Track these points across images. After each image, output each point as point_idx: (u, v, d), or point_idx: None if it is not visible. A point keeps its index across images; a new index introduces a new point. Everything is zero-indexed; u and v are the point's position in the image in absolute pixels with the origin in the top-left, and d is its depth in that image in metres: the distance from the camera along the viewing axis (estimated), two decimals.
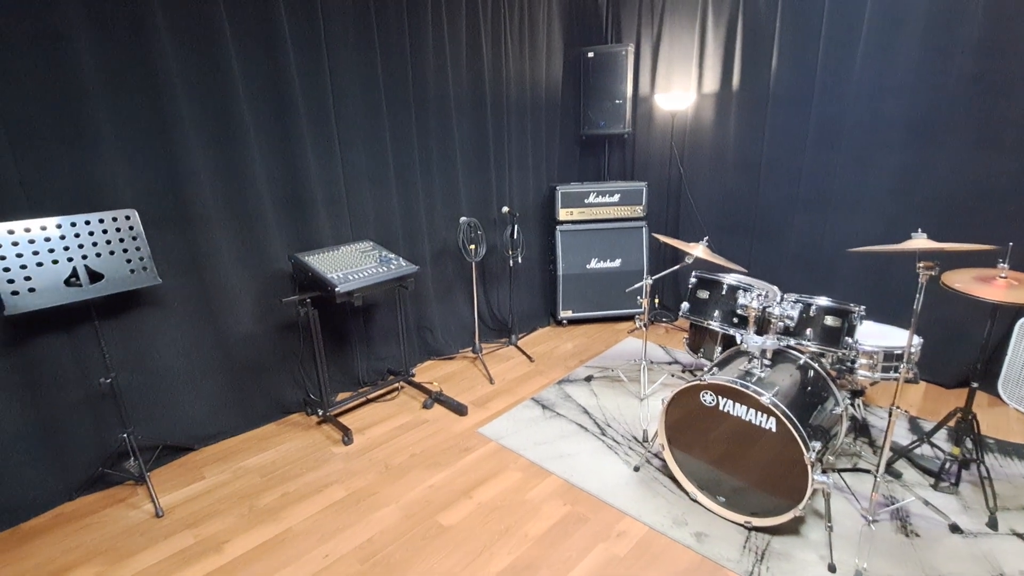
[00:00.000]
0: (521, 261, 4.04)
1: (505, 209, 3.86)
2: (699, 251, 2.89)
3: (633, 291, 4.40)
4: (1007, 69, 2.92)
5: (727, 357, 2.54)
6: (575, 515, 2.36)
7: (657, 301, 4.80)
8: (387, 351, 3.70)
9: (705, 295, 2.87)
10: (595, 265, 4.49)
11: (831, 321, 2.39)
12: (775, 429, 2.05)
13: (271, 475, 2.68)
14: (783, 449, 2.04)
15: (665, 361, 3.90)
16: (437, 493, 2.52)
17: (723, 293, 2.79)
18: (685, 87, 4.36)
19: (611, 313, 4.58)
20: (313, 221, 3.18)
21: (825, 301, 2.43)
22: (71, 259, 2.23)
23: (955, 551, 2.09)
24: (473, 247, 3.64)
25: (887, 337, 2.58)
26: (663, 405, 2.38)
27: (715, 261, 2.93)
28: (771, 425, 2.06)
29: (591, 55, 4.45)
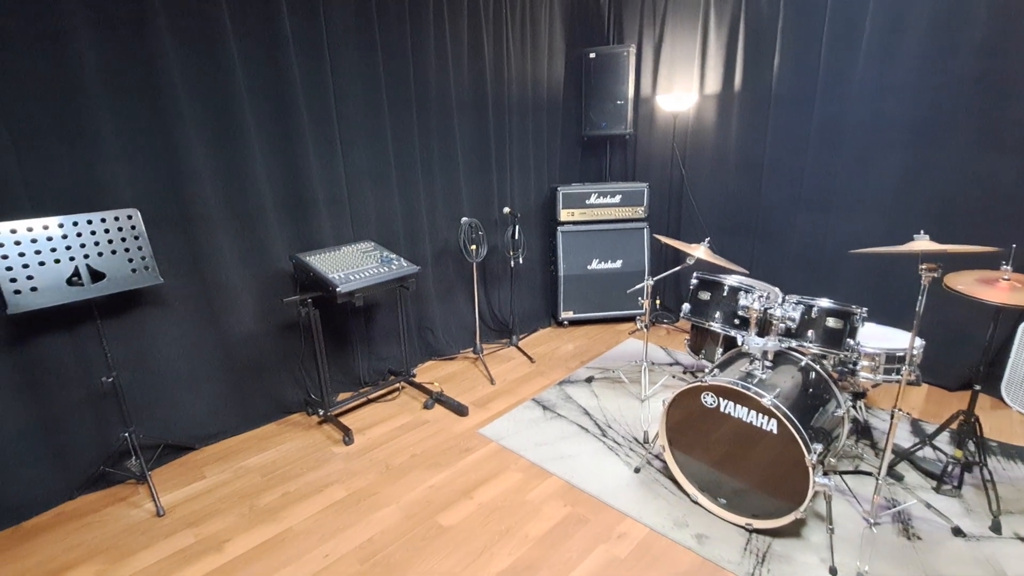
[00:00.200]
0: (522, 262, 4.04)
1: (506, 210, 3.86)
2: (700, 252, 2.89)
3: (634, 292, 4.40)
4: (1010, 69, 2.91)
5: (728, 359, 2.54)
6: (576, 516, 2.36)
7: (658, 302, 4.79)
8: (388, 351, 3.71)
9: (706, 296, 2.87)
10: (596, 266, 4.49)
11: (833, 323, 2.38)
12: (776, 431, 2.05)
13: (272, 475, 2.69)
14: (784, 451, 2.03)
15: (666, 362, 3.89)
16: (437, 493, 2.52)
17: (724, 294, 2.79)
18: (687, 88, 4.36)
19: (612, 314, 4.57)
20: (314, 221, 3.18)
21: (827, 303, 2.42)
22: (73, 258, 2.24)
23: (958, 554, 2.08)
24: (474, 247, 3.63)
25: (889, 339, 2.57)
26: (664, 406, 2.38)
27: (716, 262, 2.92)
28: (772, 427, 2.06)
29: (593, 56, 4.45)
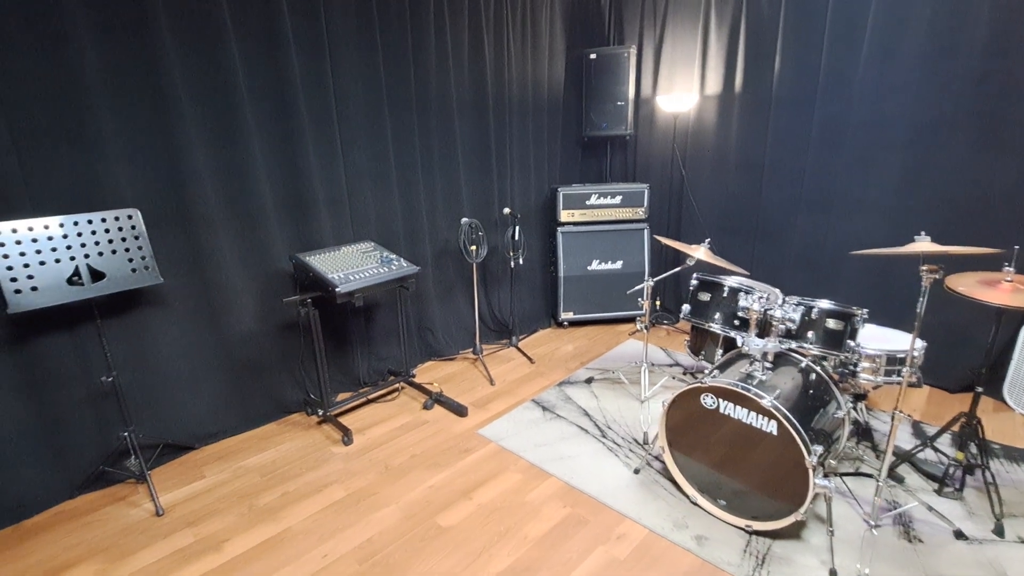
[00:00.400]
0: (522, 262, 4.04)
1: (507, 210, 3.86)
2: (700, 253, 2.88)
3: (634, 293, 4.39)
4: (1013, 70, 2.90)
5: (728, 360, 2.53)
6: (575, 517, 2.35)
7: (658, 303, 4.79)
8: (388, 351, 3.70)
9: (706, 297, 2.86)
10: (596, 267, 4.48)
11: (833, 324, 2.38)
12: (776, 432, 2.04)
13: (271, 475, 2.68)
14: (784, 452, 2.03)
15: (666, 363, 3.89)
16: (437, 494, 2.52)
17: (724, 295, 2.78)
18: (687, 89, 4.35)
19: (612, 315, 4.57)
20: (314, 221, 3.18)
21: (827, 304, 2.41)
22: (73, 258, 2.24)
23: (960, 558, 2.07)
24: (474, 248, 3.63)
25: (890, 340, 2.56)
26: (664, 407, 2.38)
27: (717, 263, 2.92)
28: (772, 428, 2.05)
29: (593, 56, 4.45)
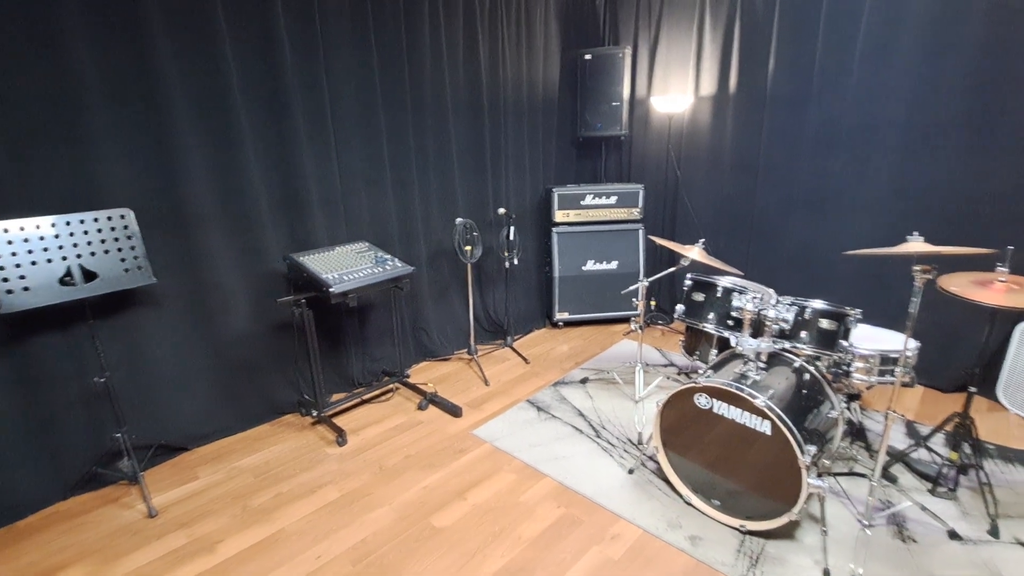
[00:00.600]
0: (517, 263, 4.03)
1: (501, 211, 3.86)
2: (695, 253, 2.88)
3: (628, 293, 4.39)
4: (1005, 71, 2.91)
5: (722, 360, 2.54)
6: (569, 517, 2.35)
7: (653, 303, 4.79)
8: (382, 352, 3.70)
9: (700, 297, 2.86)
10: (591, 267, 4.48)
11: (826, 324, 2.38)
12: (770, 432, 2.05)
13: (265, 475, 2.67)
14: (778, 452, 2.03)
15: (661, 363, 3.89)
16: (431, 494, 2.52)
17: (718, 296, 2.78)
18: (682, 89, 4.36)
19: (607, 315, 4.57)
20: (309, 221, 3.17)
21: (820, 304, 2.42)
22: (65, 258, 2.22)
23: (954, 558, 2.07)
24: (469, 248, 3.63)
25: (884, 341, 2.57)
26: (658, 408, 2.38)
27: (711, 263, 2.92)
28: (766, 428, 2.06)
29: (588, 57, 4.45)
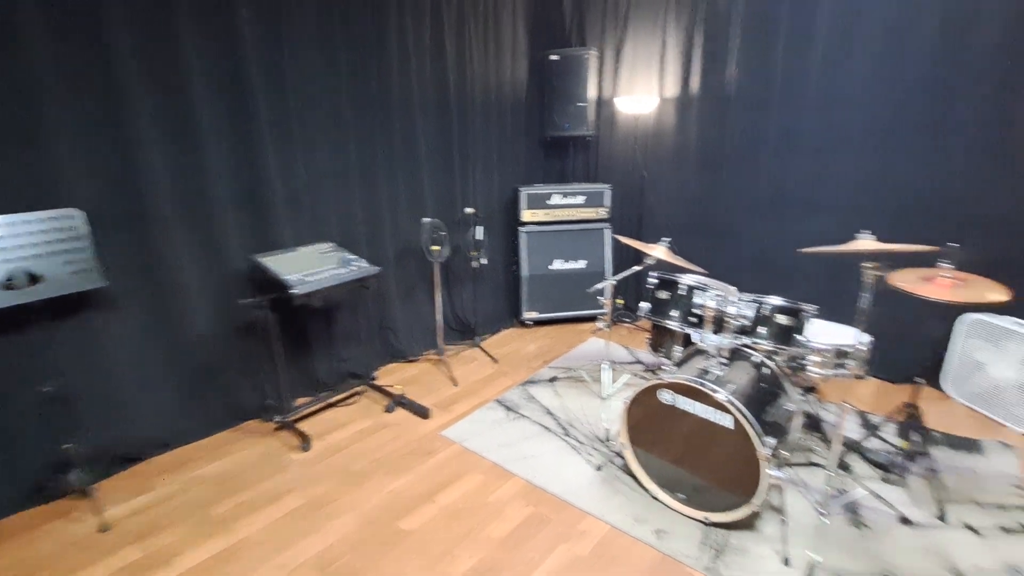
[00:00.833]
0: (485, 262, 4.02)
1: (469, 210, 3.84)
2: (660, 252, 2.92)
3: (594, 292, 4.42)
4: (958, 76, 3.06)
5: (686, 356, 2.59)
6: (538, 516, 2.36)
7: (621, 302, 4.84)
8: (349, 353, 3.63)
9: (665, 295, 2.91)
10: (559, 266, 4.51)
11: (783, 320, 2.45)
12: (732, 426, 2.10)
13: (225, 484, 2.60)
14: (739, 445, 2.08)
15: (628, 361, 3.94)
16: (398, 498, 2.49)
17: (682, 293, 2.83)
18: (648, 91, 4.42)
19: (575, 314, 4.60)
20: (274, 222, 3.10)
21: (777, 300, 2.49)
22: (8, 260, 2.12)
23: (905, 542, 2.16)
24: (436, 248, 3.60)
25: (840, 335, 2.65)
26: (624, 405, 2.41)
27: (675, 262, 2.97)
28: (727, 422, 2.10)
29: (555, 58, 4.47)
